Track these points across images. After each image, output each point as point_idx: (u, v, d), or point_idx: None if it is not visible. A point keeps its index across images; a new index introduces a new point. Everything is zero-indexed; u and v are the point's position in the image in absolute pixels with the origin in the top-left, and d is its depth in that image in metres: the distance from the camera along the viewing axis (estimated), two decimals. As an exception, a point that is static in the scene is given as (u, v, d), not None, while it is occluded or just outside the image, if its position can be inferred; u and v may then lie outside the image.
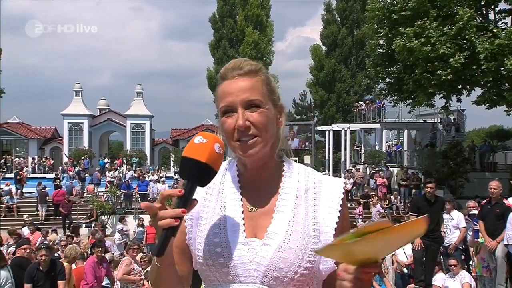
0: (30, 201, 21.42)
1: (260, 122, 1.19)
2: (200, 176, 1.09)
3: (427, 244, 7.18)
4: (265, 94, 1.23)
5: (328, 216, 1.23)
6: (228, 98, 1.20)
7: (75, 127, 34.11)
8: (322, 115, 41.42)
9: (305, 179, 1.28)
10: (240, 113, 1.18)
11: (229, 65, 1.26)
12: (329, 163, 29.22)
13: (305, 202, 1.24)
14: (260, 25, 41.13)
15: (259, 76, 1.24)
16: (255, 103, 1.20)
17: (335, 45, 40.85)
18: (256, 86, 1.21)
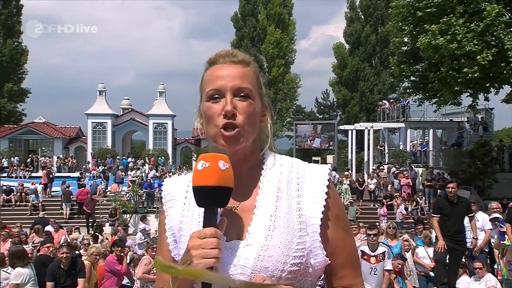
0: (55, 200, 21.91)
1: (247, 112, 1.16)
2: (217, 199, 1.07)
3: (450, 246, 7.03)
4: (255, 86, 1.20)
5: (313, 207, 1.16)
6: (217, 82, 1.17)
7: (99, 127, 34.72)
8: (345, 114, 41.14)
9: (288, 170, 1.22)
10: (229, 99, 1.15)
11: (221, 52, 1.23)
12: (352, 163, 28.97)
13: (288, 194, 1.18)
14: (282, 24, 41.08)
15: (251, 66, 1.23)
16: (245, 92, 1.17)
17: (359, 43, 40.49)
18: (248, 75, 1.19)
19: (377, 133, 31.07)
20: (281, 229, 1.13)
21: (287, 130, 45.31)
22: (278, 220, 1.14)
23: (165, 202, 1.30)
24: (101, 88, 35.54)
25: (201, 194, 1.06)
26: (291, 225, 1.14)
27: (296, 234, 1.13)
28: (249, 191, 1.20)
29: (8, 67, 37.71)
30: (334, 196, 1.20)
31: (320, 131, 31.01)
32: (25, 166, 30.55)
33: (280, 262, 1.10)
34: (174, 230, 1.25)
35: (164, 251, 1.28)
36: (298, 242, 1.13)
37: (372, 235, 5.84)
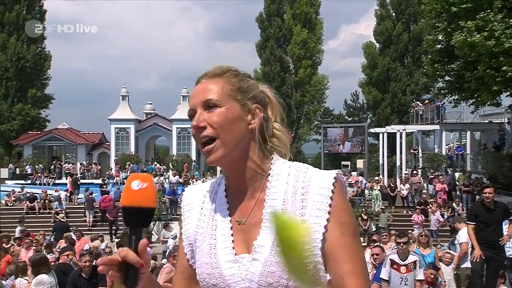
0: (79, 207, 22.38)
1: (215, 121, 1.18)
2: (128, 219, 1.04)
3: (488, 255, 6.85)
4: (225, 93, 1.21)
5: (315, 220, 1.15)
6: (191, 102, 1.23)
7: (122, 132, 35.35)
8: (376, 116, 40.65)
9: (294, 180, 1.20)
10: (197, 113, 1.20)
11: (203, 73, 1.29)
12: (384, 167, 28.61)
13: (292, 206, 1.17)
14: (309, 23, 41.06)
15: (223, 78, 1.24)
16: (211, 103, 1.19)
17: (390, 42, 40.01)
18: (214, 87, 1.21)
19: (410, 136, 30.59)
20: None
21: (315, 134, 45.14)
22: None
23: (183, 211, 1.35)
24: (124, 93, 36.23)
25: (135, 214, 1.03)
26: None
27: None
28: (256, 205, 1.22)
29: (31, 73, 38.91)
30: (341, 202, 1.17)
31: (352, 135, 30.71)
32: (48, 173, 31.37)
33: (283, 279, 1.12)
34: (191, 240, 1.30)
35: (182, 260, 1.34)
36: None
37: (402, 243, 5.76)
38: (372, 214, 18.43)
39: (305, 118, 42.71)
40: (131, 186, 1.02)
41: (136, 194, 1.02)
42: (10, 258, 10.44)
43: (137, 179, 1.03)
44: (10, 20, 37.45)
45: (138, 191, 1.02)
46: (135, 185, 1.02)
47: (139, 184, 1.02)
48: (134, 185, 1.02)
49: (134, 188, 1.02)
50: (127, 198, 1.03)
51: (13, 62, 37.54)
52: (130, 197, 1.02)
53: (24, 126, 37.83)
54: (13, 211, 21.81)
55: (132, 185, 1.02)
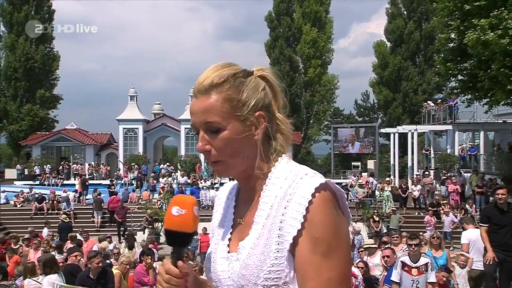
0: (87, 208, 22.53)
1: (220, 148, 1.18)
2: (170, 240, 1.18)
3: (501, 258, 6.79)
4: (226, 113, 1.17)
5: (289, 229, 1.12)
6: (192, 118, 1.22)
7: (130, 133, 35.54)
8: (387, 116, 40.51)
9: (288, 185, 1.16)
10: (200, 136, 1.21)
11: (200, 76, 1.23)
12: (395, 168, 28.48)
13: (276, 211, 1.15)
14: (318, 22, 41.00)
15: (220, 92, 1.18)
16: (213, 127, 1.18)
17: (401, 41, 39.84)
18: (213, 106, 1.17)
19: (422, 136, 30.41)
20: (259, 248, 1.15)
21: (325, 134, 45.04)
22: (260, 238, 1.16)
23: (215, 205, 1.43)
24: (132, 93, 36.42)
25: (175, 237, 1.17)
26: (268, 245, 1.14)
27: (271, 255, 1.13)
28: (253, 205, 1.24)
29: (40, 73, 39.27)
30: (318, 216, 1.10)
31: (363, 135, 30.63)
32: (57, 173, 31.63)
33: (251, 282, 1.15)
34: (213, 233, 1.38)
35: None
36: (273, 263, 1.12)
37: (414, 245, 5.73)
38: (383, 216, 18.34)
39: (314, 118, 42.64)
40: (171, 212, 1.15)
41: (175, 220, 1.15)
42: (19, 259, 10.55)
43: (176, 205, 1.15)
44: (18, 21, 37.81)
45: (177, 217, 1.15)
46: (174, 211, 1.15)
47: (178, 211, 1.15)
48: (173, 211, 1.15)
49: (174, 214, 1.15)
50: (167, 221, 1.17)
51: (21, 63, 37.92)
52: (169, 221, 1.16)
53: (33, 127, 38.19)
54: (22, 212, 22.03)
55: (172, 211, 1.15)
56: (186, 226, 1.14)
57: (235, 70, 1.22)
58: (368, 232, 17.40)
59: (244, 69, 1.24)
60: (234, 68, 1.23)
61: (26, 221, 19.74)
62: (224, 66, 1.22)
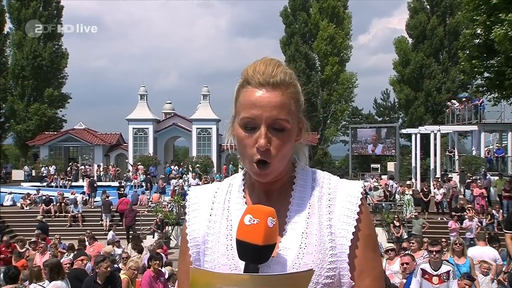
0: (96, 211, 22.73)
1: (281, 147, 1.18)
2: (261, 257, 1.10)
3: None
4: (293, 112, 1.20)
5: (343, 226, 1.21)
6: (253, 110, 1.17)
7: (140, 133, 35.77)
8: (408, 116, 40.20)
9: (320, 186, 1.27)
10: (263, 132, 1.16)
11: (259, 67, 1.20)
12: (416, 171, 28.24)
13: (319, 210, 1.23)
14: (336, 18, 40.88)
15: (291, 89, 1.20)
16: (281, 124, 1.17)
17: (424, 37, 39.51)
18: (286, 104, 1.18)
19: (445, 137, 30.13)
20: (312, 247, 1.19)
21: (342, 135, 44.85)
22: (309, 237, 1.20)
23: (189, 211, 1.36)
24: (142, 92, 36.67)
25: (245, 249, 1.09)
26: (322, 243, 1.20)
27: (327, 253, 1.19)
28: (280, 208, 1.24)
29: (48, 72, 39.79)
30: (366, 215, 1.24)
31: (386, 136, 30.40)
32: (65, 175, 31.98)
33: (312, 282, 1.15)
34: (199, 242, 1.31)
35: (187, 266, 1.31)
36: (330, 261, 1.19)
37: (435, 252, 5.67)
38: (403, 221, 18.18)
39: (332, 118, 42.50)
40: (244, 220, 1.09)
41: (246, 229, 1.09)
42: (25, 263, 10.68)
43: (250, 213, 1.09)
44: (26, 17, 38.36)
45: (248, 227, 1.08)
46: (247, 220, 1.09)
47: (251, 220, 1.09)
48: (246, 219, 1.09)
49: (246, 223, 1.09)
50: (239, 230, 1.10)
51: (29, 60, 38.47)
52: (240, 231, 1.10)
53: (40, 127, 38.69)
54: (29, 214, 22.29)
55: (245, 219, 1.09)
56: (256, 238, 1.07)
57: (291, 70, 1.25)
58: (388, 238, 17.29)
59: None
60: (285, 65, 1.25)
61: (33, 224, 19.95)
62: (280, 62, 1.24)
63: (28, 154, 40.67)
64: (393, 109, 46.53)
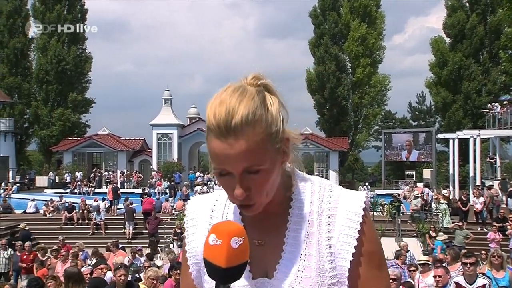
0: (119, 218, 23.03)
1: (262, 187, 1.11)
2: (227, 278, 1.07)
3: None
4: (266, 151, 1.09)
5: (343, 246, 1.17)
6: (220, 165, 1.10)
7: (164, 138, 36.18)
8: (445, 120, 39.54)
9: (319, 200, 1.21)
10: (238, 182, 1.10)
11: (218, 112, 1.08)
12: (454, 178, 27.71)
13: (318, 228, 1.18)
14: (368, 17, 40.63)
15: (258, 128, 1.08)
16: (253, 170, 1.09)
17: (462, 36, 38.85)
18: (255, 149, 1.07)
19: (485, 143, 29.51)
20: (311, 269, 1.16)
21: (375, 140, 44.42)
22: (308, 259, 1.17)
23: (188, 226, 1.33)
24: (167, 96, 37.13)
25: (211, 269, 1.06)
26: (321, 265, 1.16)
27: (327, 275, 1.16)
28: (278, 225, 1.22)
29: (72, 76, 40.74)
30: (369, 231, 1.19)
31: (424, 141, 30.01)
32: (88, 181, 32.59)
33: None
34: (198, 259, 1.27)
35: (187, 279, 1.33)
36: (330, 283, 1.16)
37: (469, 264, 5.56)
38: (440, 231, 17.89)
39: (363, 122, 42.13)
40: (208, 240, 1.05)
41: (210, 249, 1.05)
42: (46, 272, 10.93)
43: (214, 233, 1.05)
44: (51, 20, 39.35)
45: (212, 247, 1.05)
46: (210, 240, 1.05)
47: (214, 240, 1.05)
48: (210, 239, 1.05)
49: (210, 243, 1.05)
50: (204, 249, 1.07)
51: (53, 65, 39.46)
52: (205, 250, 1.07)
53: (64, 132, 39.56)
54: (52, 221, 22.77)
55: (209, 239, 1.05)
56: (218, 258, 1.03)
57: (255, 94, 1.11)
58: (423, 249, 17.03)
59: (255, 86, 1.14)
60: (250, 91, 1.11)
61: (55, 232, 20.40)
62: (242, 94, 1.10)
63: (51, 160, 41.62)
64: (429, 112, 45.91)
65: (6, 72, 40.12)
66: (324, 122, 41.01)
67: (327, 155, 35.76)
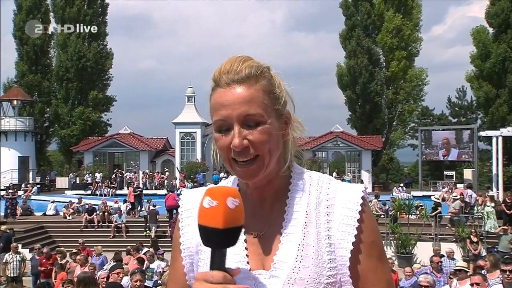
0: (139, 221, 23.28)
1: (261, 141, 1.18)
2: (226, 241, 1.09)
3: None
4: (267, 106, 1.20)
5: (343, 236, 1.21)
6: (222, 111, 1.19)
7: (187, 137, 36.40)
8: (488, 116, 38.72)
9: (317, 191, 1.27)
10: (236, 131, 1.18)
11: (224, 66, 1.23)
12: (498, 178, 27.17)
13: (317, 219, 1.24)
14: (404, 7, 40.26)
15: (261, 82, 1.22)
16: (254, 120, 1.18)
17: (507, 26, 38.02)
18: (256, 97, 1.19)
19: (532, 141, 28.83)
20: (309, 260, 1.20)
21: (411, 138, 43.84)
22: (306, 249, 1.21)
23: (182, 218, 1.38)
24: (190, 93, 37.35)
25: (207, 234, 1.08)
26: (320, 255, 1.21)
27: (325, 266, 1.20)
28: (275, 216, 1.27)
29: (92, 73, 41.43)
30: (368, 220, 1.24)
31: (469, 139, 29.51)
32: (109, 182, 33.06)
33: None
34: (192, 252, 1.33)
35: (178, 274, 1.37)
36: (328, 275, 1.20)
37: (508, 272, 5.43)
38: (482, 236, 17.58)
39: (398, 119, 41.66)
40: (203, 204, 1.08)
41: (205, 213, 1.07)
42: (65, 276, 11.14)
43: (208, 196, 1.08)
44: (71, 16, 40.13)
45: (207, 210, 1.07)
46: (205, 203, 1.08)
47: (209, 202, 1.07)
48: (204, 203, 1.08)
49: (205, 206, 1.07)
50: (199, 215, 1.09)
51: (73, 62, 40.22)
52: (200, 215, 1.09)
53: (85, 131, 40.26)
54: (72, 224, 23.16)
55: (203, 202, 1.08)
56: (215, 220, 1.05)
57: (262, 63, 1.26)
58: (463, 255, 16.75)
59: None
60: (258, 61, 1.26)
61: (76, 235, 20.74)
62: (248, 57, 1.26)
63: (72, 161, 42.39)
64: (470, 108, 45.18)
65: (26, 69, 41.10)
66: (356, 120, 40.69)
67: (359, 154, 35.47)
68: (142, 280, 6.35)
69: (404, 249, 17.51)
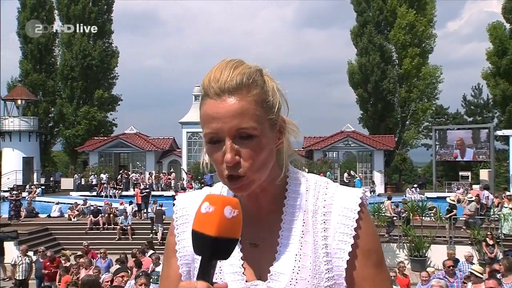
0: (145, 223, 23.35)
1: (253, 156, 1.15)
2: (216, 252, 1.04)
3: None
4: (260, 117, 1.16)
5: (339, 245, 1.20)
6: (213, 123, 1.15)
7: (195, 137, 36.42)
8: (505, 115, 38.51)
9: (314, 197, 1.25)
10: (228, 146, 1.14)
11: (213, 74, 1.17)
12: (515, 179, 27.00)
13: (314, 227, 1.22)
14: (417, 2, 40.13)
15: (253, 91, 1.16)
16: (247, 132, 1.14)
17: (524, 21, 37.80)
18: (248, 109, 1.14)
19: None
20: (306, 271, 1.19)
21: (425, 138, 43.63)
22: (303, 259, 1.20)
23: (177, 224, 1.35)
24: (197, 92, 37.31)
25: (198, 241, 1.04)
26: (317, 265, 1.20)
27: (323, 277, 1.19)
28: (271, 225, 1.26)
29: (98, 72, 41.60)
30: (366, 228, 1.22)
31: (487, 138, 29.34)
32: (115, 183, 33.16)
33: None
34: (189, 260, 1.31)
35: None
36: (326, 285, 1.19)
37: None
38: (498, 239, 17.47)
39: (412, 118, 41.46)
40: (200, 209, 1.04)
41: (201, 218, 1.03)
42: (69, 279, 11.18)
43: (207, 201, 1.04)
44: (75, 14, 40.32)
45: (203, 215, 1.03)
46: (203, 208, 1.04)
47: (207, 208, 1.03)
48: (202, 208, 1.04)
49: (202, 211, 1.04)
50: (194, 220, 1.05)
51: (78, 60, 40.40)
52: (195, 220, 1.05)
53: (90, 131, 40.41)
54: (77, 226, 23.26)
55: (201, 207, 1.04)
56: (208, 227, 1.01)
57: (254, 67, 1.21)
58: (479, 258, 16.65)
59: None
60: (249, 65, 1.21)
61: (81, 237, 20.83)
62: (239, 62, 1.20)
63: (77, 161, 42.57)
64: (486, 107, 44.91)
65: (30, 68, 41.33)
66: (368, 119, 40.58)
67: (371, 154, 35.35)
68: (147, 283, 6.35)
69: (418, 252, 17.43)
